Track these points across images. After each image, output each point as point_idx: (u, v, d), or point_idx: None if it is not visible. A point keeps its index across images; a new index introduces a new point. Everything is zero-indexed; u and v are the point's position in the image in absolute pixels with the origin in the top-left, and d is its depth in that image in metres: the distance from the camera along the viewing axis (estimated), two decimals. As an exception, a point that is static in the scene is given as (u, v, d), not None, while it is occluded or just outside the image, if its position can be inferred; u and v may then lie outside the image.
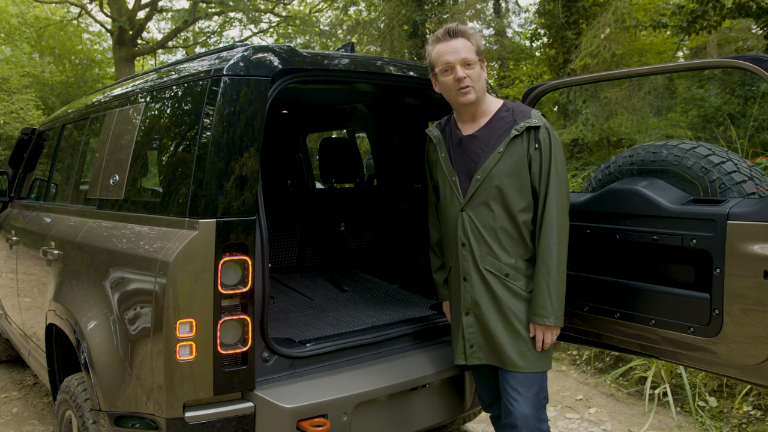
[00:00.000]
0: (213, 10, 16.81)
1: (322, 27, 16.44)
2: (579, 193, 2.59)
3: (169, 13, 18.64)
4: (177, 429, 2.04)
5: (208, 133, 2.08)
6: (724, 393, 3.81)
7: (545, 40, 10.77)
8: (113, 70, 18.30)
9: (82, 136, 3.36)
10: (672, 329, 2.17)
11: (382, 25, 11.87)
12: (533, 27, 12.02)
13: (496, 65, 14.08)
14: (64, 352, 2.91)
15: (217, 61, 2.22)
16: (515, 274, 2.23)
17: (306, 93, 3.56)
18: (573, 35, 9.47)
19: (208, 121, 2.09)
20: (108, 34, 17.64)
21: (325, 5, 18.28)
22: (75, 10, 18.11)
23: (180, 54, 19.23)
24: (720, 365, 2.10)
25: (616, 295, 2.36)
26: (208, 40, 19.34)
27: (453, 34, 2.22)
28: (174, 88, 2.47)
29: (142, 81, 2.85)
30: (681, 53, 11.55)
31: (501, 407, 2.32)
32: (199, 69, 2.29)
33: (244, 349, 2.09)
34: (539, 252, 2.19)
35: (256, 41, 17.96)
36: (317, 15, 18.99)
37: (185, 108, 2.33)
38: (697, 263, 2.11)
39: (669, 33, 8.77)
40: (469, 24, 10.85)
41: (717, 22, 6.91)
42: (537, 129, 2.18)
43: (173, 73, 2.56)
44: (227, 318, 2.06)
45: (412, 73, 2.75)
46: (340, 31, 13.96)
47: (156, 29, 22.06)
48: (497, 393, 2.36)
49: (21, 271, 3.68)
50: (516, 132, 2.18)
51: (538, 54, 12.50)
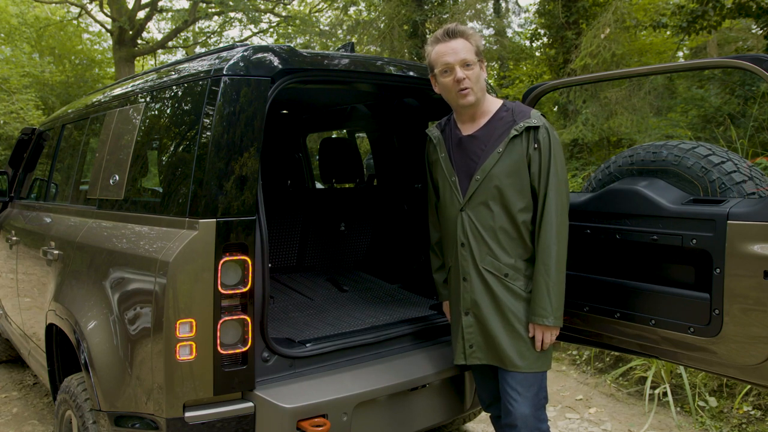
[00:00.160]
0: (213, 10, 16.80)
1: (322, 27, 16.45)
2: (579, 193, 2.59)
3: (169, 13, 18.64)
4: (177, 429, 2.04)
5: (208, 133, 2.08)
6: (724, 393, 3.80)
7: (545, 40, 10.78)
8: (113, 70, 18.30)
9: (82, 136, 3.36)
10: (672, 329, 2.17)
11: (382, 25, 11.87)
12: (533, 27, 12.02)
13: (496, 65, 14.07)
14: (64, 352, 2.91)
15: (217, 61, 2.22)
16: (515, 274, 2.23)
17: (306, 93, 3.56)
18: (573, 35, 9.47)
19: (208, 121, 2.10)
20: (108, 34, 17.64)
21: (325, 5, 18.28)
22: (75, 10, 18.12)
23: (180, 54, 19.23)
24: (720, 365, 2.10)
25: (616, 295, 2.36)
26: (208, 40, 19.34)
27: (452, 34, 2.21)
28: (174, 88, 2.47)
29: (142, 81, 2.85)
30: (681, 53, 11.54)
31: (501, 407, 2.32)
32: (199, 69, 2.29)
33: (244, 349, 2.09)
34: (538, 252, 2.19)
35: (256, 41, 17.96)
36: (317, 15, 18.99)
37: (185, 108, 2.33)
38: (697, 263, 2.11)
39: (669, 33, 8.78)
40: (469, 24, 10.85)
41: (717, 22, 6.91)
42: (536, 129, 2.18)
43: (173, 73, 2.56)
44: (227, 318, 2.06)
45: (412, 73, 2.75)
46: (340, 31, 13.97)
47: (156, 29, 22.10)
48: (497, 393, 2.36)
49: (21, 271, 3.68)
50: (515, 132, 2.18)
51: (538, 54, 12.51)
